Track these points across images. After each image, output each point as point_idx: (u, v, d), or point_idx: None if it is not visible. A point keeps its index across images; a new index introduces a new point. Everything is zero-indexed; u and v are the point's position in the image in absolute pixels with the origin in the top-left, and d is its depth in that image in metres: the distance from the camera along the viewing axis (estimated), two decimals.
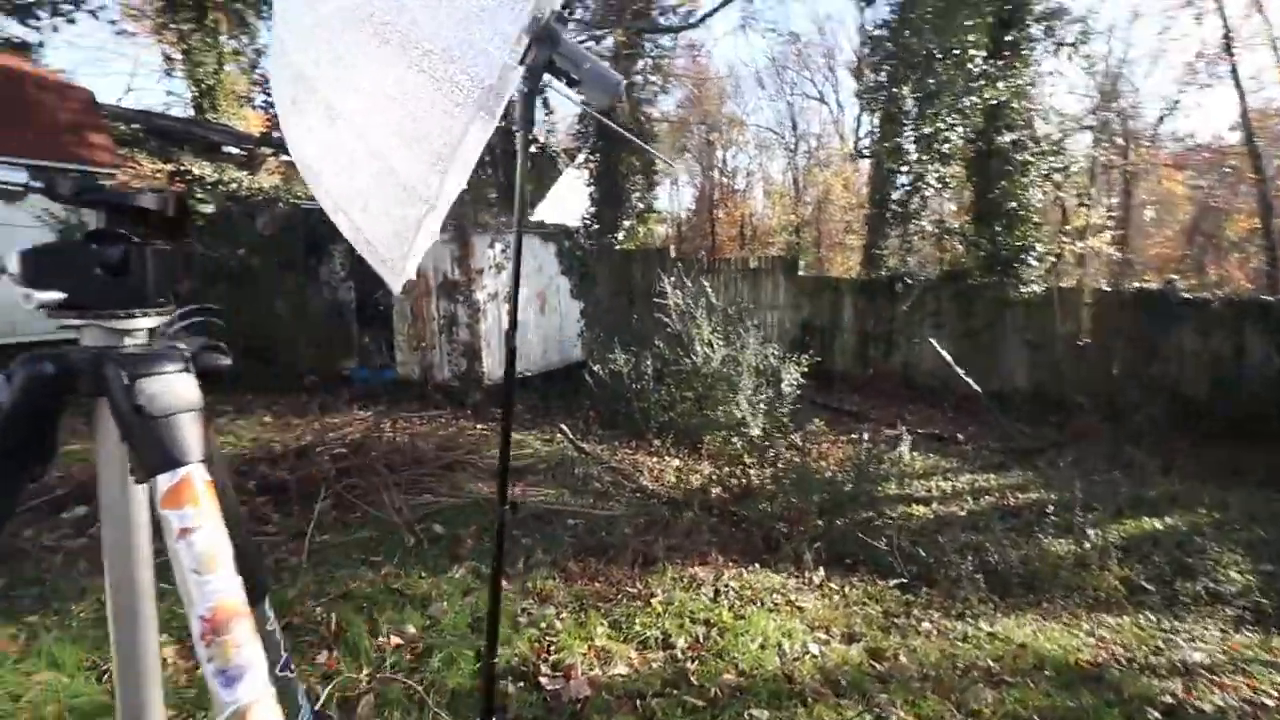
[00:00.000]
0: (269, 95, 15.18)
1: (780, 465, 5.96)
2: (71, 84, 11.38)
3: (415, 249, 2.57)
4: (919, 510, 6.11)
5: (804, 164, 28.89)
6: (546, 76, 2.43)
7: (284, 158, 14.35)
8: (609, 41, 14.35)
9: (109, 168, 9.45)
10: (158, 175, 10.19)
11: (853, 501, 5.34)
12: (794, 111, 30.93)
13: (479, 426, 8.26)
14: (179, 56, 15.86)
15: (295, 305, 9.34)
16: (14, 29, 12.93)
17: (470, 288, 9.04)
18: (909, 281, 11.34)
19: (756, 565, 4.52)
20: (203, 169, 10.21)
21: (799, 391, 7.76)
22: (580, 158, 15.32)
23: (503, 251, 9.31)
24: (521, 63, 2.31)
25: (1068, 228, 14.74)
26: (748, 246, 26.88)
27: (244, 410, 8.68)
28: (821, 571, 4.48)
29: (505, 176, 14.14)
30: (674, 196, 36.21)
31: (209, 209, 10.35)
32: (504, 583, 2.96)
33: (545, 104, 14.96)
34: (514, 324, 1.78)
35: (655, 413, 8.00)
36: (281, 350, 9.17)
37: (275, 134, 14.97)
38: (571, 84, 2.44)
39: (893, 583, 4.44)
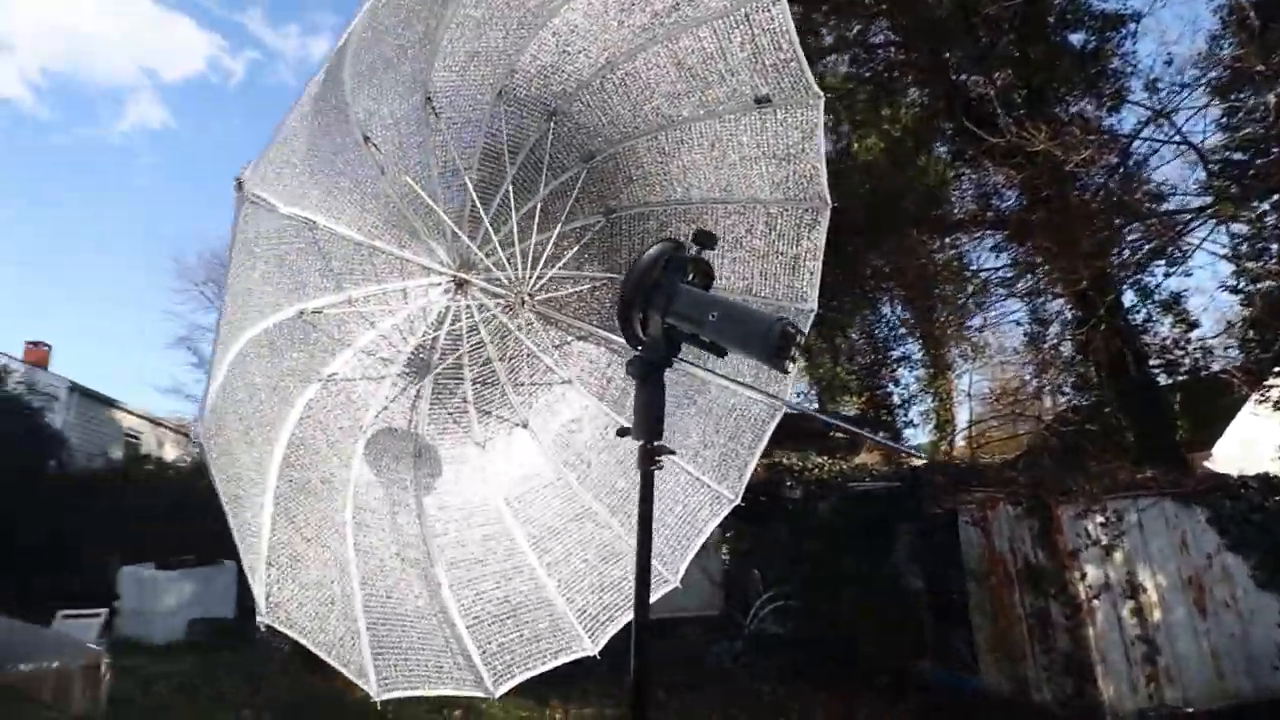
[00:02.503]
0: (866, 384, 16.28)
1: None
2: None
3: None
4: None
5: None
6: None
7: (879, 437, 14.73)
8: None
9: None
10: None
11: None
12: None
13: None
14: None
15: (859, 593, 8.62)
16: None
17: (1063, 576, 6.71)
18: None
19: None
20: (789, 459, 11.15)
21: None
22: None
23: (1104, 525, 6.78)
24: (632, 342, 1.43)
25: None
26: None
27: (805, 712, 8.00)
28: None
29: (1126, 416, 10.99)
30: None
31: (795, 495, 11.05)
32: None
33: (1177, 315, 11.57)
34: None
35: None
36: (847, 643, 8.39)
37: (870, 413, 15.68)
38: (711, 349, 1.39)
39: None
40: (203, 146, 49.26)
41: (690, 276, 1.51)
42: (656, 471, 2.24)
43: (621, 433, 1.52)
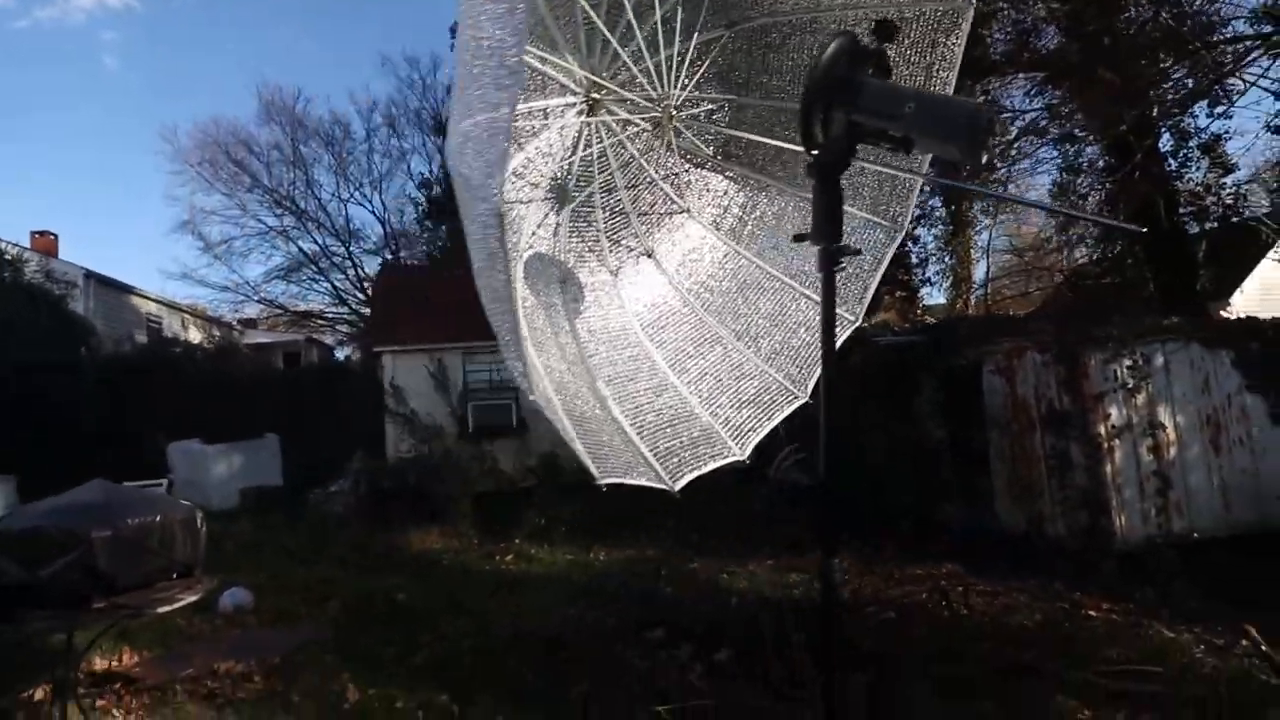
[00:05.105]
0: None
1: None
2: None
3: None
4: None
5: None
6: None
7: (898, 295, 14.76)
8: None
9: None
10: None
11: None
12: None
13: (1104, 607, 6.02)
14: None
15: (881, 443, 9.00)
16: None
17: (1086, 418, 6.98)
18: None
19: None
20: None
21: None
22: None
23: (1131, 368, 6.97)
24: (809, 144, 1.39)
25: None
26: None
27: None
28: None
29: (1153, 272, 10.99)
30: None
31: None
32: None
33: (1214, 159, 11.25)
34: None
35: None
36: (873, 491, 8.85)
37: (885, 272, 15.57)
38: (899, 145, 1.35)
39: None
40: (166, 23, 45.69)
41: (870, 71, 1.45)
42: (785, 298, 2.28)
43: (798, 238, 1.51)
